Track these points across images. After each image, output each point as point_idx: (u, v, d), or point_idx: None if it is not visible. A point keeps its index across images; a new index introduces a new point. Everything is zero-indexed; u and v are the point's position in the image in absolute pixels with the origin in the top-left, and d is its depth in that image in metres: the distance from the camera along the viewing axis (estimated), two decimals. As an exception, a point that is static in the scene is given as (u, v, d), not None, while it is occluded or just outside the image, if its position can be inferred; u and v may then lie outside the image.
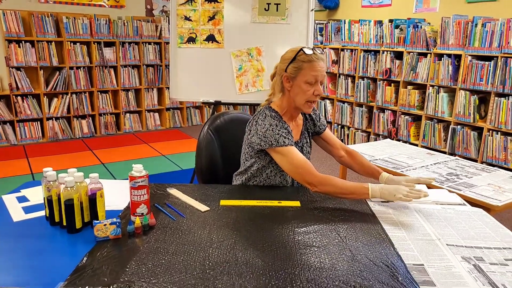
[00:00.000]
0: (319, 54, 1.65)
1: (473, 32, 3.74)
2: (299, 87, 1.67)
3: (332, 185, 1.60)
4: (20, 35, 4.99)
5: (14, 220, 1.44)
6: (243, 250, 1.25)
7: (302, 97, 1.68)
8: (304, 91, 1.66)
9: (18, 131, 5.17)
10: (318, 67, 1.64)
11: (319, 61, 1.64)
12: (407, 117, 4.47)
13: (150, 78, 6.03)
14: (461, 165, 2.46)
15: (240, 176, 1.87)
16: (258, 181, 1.82)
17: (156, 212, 1.51)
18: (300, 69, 1.65)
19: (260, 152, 1.76)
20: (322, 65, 1.65)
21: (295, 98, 1.70)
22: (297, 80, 1.67)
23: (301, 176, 1.64)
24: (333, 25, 5.32)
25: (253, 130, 1.74)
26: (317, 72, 1.64)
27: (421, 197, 1.50)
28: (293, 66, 1.66)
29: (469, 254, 1.25)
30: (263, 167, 1.79)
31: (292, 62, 1.66)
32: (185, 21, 3.02)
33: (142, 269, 1.14)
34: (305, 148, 1.87)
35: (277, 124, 1.69)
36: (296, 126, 1.85)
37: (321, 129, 1.91)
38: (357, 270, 1.15)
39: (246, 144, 1.81)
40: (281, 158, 1.68)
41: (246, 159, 1.83)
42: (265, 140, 1.68)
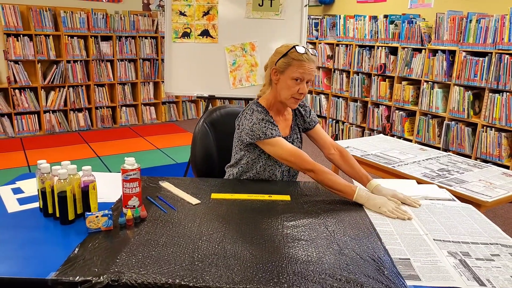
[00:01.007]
0: (310, 55, 1.68)
1: (468, 28, 3.76)
2: (285, 82, 1.70)
3: (328, 176, 1.63)
4: (18, 29, 4.99)
5: (9, 211, 1.46)
6: (232, 243, 1.28)
7: (286, 92, 1.71)
8: (289, 87, 1.69)
9: (16, 123, 5.18)
10: (307, 67, 1.67)
11: (309, 62, 1.67)
12: (402, 113, 4.49)
13: (147, 72, 6.03)
14: (453, 161, 2.48)
15: (231, 169, 1.91)
16: (249, 175, 1.85)
17: (147, 205, 1.53)
18: (289, 65, 1.68)
19: (249, 145, 1.79)
20: (311, 66, 1.68)
21: (281, 92, 1.73)
22: (284, 75, 1.70)
23: (296, 165, 1.69)
24: (329, 20, 5.32)
25: (241, 124, 1.78)
26: (305, 71, 1.67)
27: (405, 219, 1.47)
28: (283, 61, 1.69)
29: (455, 249, 1.27)
30: (252, 160, 1.82)
31: (283, 57, 1.69)
32: (180, 16, 3.03)
33: (132, 260, 1.16)
34: (295, 143, 1.89)
35: (263, 118, 1.73)
36: (285, 121, 1.87)
37: (311, 125, 1.92)
38: (343, 263, 1.18)
39: (236, 138, 1.85)
40: (271, 148, 1.72)
41: (236, 152, 1.86)
42: (253, 134, 1.72)
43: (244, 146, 1.80)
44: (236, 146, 1.86)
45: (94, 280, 1.07)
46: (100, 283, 1.07)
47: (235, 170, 1.88)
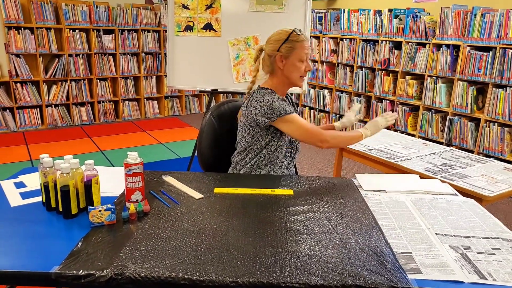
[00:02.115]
0: (305, 35, 1.85)
1: (472, 23, 3.73)
2: (293, 65, 1.83)
3: (339, 136, 1.88)
4: (19, 22, 4.98)
5: (12, 205, 1.47)
6: (235, 236, 1.28)
7: (296, 73, 1.85)
8: (298, 68, 1.83)
9: (18, 117, 5.18)
10: (307, 46, 1.84)
11: (307, 41, 1.84)
12: (405, 107, 4.48)
13: (149, 66, 6.02)
14: (456, 155, 2.48)
15: (239, 156, 1.94)
16: (256, 160, 1.90)
17: (151, 199, 1.53)
18: (293, 49, 1.81)
19: (264, 129, 1.85)
20: (308, 44, 1.85)
21: (290, 75, 1.85)
22: (290, 59, 1.82)
23: (313, 137, 1.82)
24: (333, 14, 5.29)
25: (255, 108, 1.82)
26: (308, 50, 1.84)
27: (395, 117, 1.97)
28: (287, 46, 1.81)
29: (457, 243, 1.27)
30: (265, 143, 1.88)
31: (286, 42, 1.80)
32: (183, 9, 3.01)
33: (135, 254, 1.17)
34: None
35: (278, 97, 1.83)
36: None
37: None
38: (346, 257, 1.18)
39: (246, 126, 1.88)
40: (289, 125, 1.81)
41: (246, 139, 1.89)
42: (273, 113, 1.78)
43: (259, 130, 1.86)
44: (246, 133, 1.89)
45: (97, 274, 1.08)
46: (104, 276, 1.07)
47: (245, 156, 1.92)
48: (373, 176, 1.84)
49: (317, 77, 5.61)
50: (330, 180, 1.79)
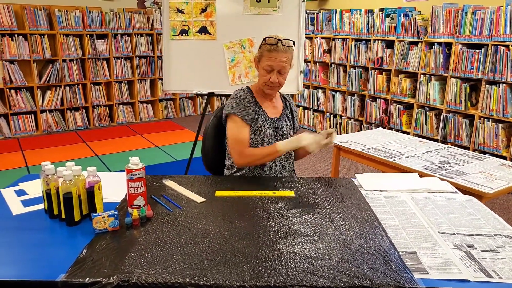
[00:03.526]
0: (281, 46, 1.77)
1: (464, 21, 3.77)
2: (260, 71, 1.88)
3: (255, 154, 1.84)
4: (13, 29, 4.95)
5: (14, 213, 1.46)
6: (239, 240, 1.28)
7: (260, 80, 1.88)
8: (262, 76, 1.86)
9: (12, 124, 5.15)
10: (277, 57, 1.78)
11: (279, 52, 1.77)
12: (399, 106, 4.50)
13: (143, 70, 6.00)
14: (453, 153, 2.50)
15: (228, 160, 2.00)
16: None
17: (153, 204, 1.53)
18: (261, 56, 1.83)
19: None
20: (281, 56, 1.78)
21: (259, 79, 1.91)
22: (259, 65, 1.87)
23: (235, 147, 1.86)
24: (324, 15, 5.32)
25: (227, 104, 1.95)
26: (273, 62, 1.79)
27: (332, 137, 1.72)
28: (259, 52, 1.86)
29: (460, 241, 1.28)
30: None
31: (260, 48, 1.85)
32: (178, 13, 3.01)
33: (141, 260, 1.17)
34: (284, 129, 1.98)
35: (241, 95, 1.91)
36: (274, 107, 1.99)
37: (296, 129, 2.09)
38: (351, 258, 1.19)
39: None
40: (229, 125, 1.90)
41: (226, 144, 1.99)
42: (226, 108, 1.91)
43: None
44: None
45: (104, 281, 1.07)
46: (111, 283, 1.07)
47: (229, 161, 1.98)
48: (373, 176, 1.85)
49: (310, 77, 5.63)
50: (330, 181, 1.80)
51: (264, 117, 1.93)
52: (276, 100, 2.02)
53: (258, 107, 1.94)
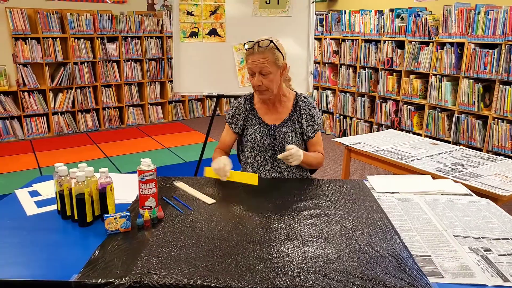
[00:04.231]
0: (256, 48, 1.74)
1: (476, 20, 3.72)
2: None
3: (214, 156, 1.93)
4: (26, 33, 5.02)
5: (28, 214, 1.48)
6: (250, 242, 1.28)
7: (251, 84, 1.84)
8: (249, 80, 1.84)
9: (25, 126, 5.21)
10: (253, 60, 1.75)
11: (254, 55, 1.75)
12: (410, 107, 4.47)
13: (153, 72, 6.03)
14: (466, 154, 2.46)
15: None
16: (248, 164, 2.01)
17: (164, 205, 1.53)
18: (245, 61, 1.82)
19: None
20: (256, 58, 1.75)
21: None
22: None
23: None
24: (334, 16, 5.30)
25: None
26: (251, 65, 1.77)
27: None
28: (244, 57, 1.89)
29: (476, 245, 1.26)
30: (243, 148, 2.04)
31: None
32: (188, 16, 3.02)
33: (152, 262, 1.17)
34: (284, 136, 1.88)
35: (238, 103, 1.98)
36: (277, 113, 1.93)
37: (308, 136, 1.93)
38: (364, 261, 1.17)
39: None
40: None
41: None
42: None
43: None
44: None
45: (116, 282, 1.08)
46: (123, 284, 1.07)
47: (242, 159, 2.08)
48: (384, 178, 1.84)
49: (319, 78, 5.61)
50: (342, 183, 1.79)
51: (259, 124, 1.91)
52: (283, 104, 1.93)
53: (253, 114, 1.94)
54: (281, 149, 1.86)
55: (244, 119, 1.95)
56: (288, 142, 1.87)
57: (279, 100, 1.92)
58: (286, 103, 1.93)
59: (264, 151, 1.90)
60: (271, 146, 1.88)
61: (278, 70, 1.80)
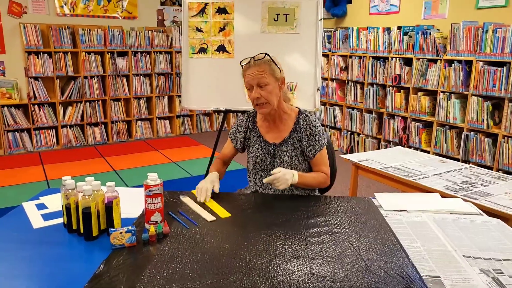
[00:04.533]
0: (252, 61, 1.77)
1: (484, 38, 3.72)
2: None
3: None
4: (39, 47, 5.12)
5: (34, 227, 1.48)
6: (256, 259, 1.26)
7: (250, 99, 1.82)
8: (248, 96, 1.81)
9: (34, 138, 5.27)
10: (249, 74, 1.76)
11: (251, 68, 1.76)
12: (418, 124, 4.44)
13: (161, 87, 6.09)
14: (476, 173, 2.44)
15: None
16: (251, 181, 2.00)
17: (169, 220, 1.52)
18: (243, 77, 1.82)
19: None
20: (253, 70, 1.75)
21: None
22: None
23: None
24: (341, 33, 5.33)
25: None
26: (248, 78, 1.78)
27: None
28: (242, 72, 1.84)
29: (487, 266, 1.23)
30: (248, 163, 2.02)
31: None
32: (197, 32, 3.06)
33: (157, 277, 1.16)
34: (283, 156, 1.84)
35: (241, 119, 1.99)
36: (278, 131, 1.89)
37: (309, 156, 1.87)
38: (371, 281, 1.15)
39: None
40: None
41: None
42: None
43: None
44: None
45: (120, 298, 1.07)
46: (127, 301, 1.06)
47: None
48: (393, 195, 1.82)
49: (327, 95, 5.62)
50: (349, 200, 1.77)
51: (260, 142, 1.89)
52: (284, 122, 1.87)
53: (255, 132, 1.92)
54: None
55: (246, 136, 1.95)
56: (287, 162, 1.83)
57: (279, 117, 1.87)
58: (287, 120, 1.88)
59: (265, 169, 1.87)
60: (271, 165, 1.86)
61: (276, 82, 1.78)
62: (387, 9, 5.15)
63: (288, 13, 3.03)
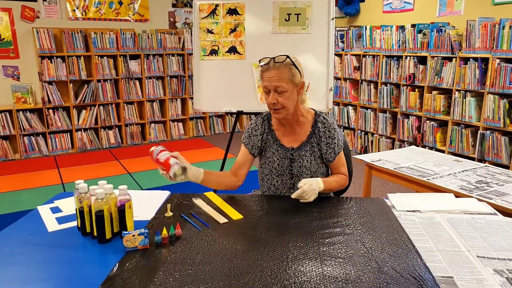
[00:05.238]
0: (272, 63, 1.69)
1: (501, 35, 3.66)
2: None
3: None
4: (52, 51, 5.20)
5: (49, 230, 1.50)
6: (268, 261, 1.26)
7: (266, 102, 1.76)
8: (265, 99, 1.75)
9: (50, 142, 5.35)
10: (268, 76, 1.69)
11: (270, 71, 1.69)
12: (433, 123, 4.39)
13: (174, 89, 6.13)
14: (491, 172, 2.39)
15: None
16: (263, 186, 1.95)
17: (182, 222, 1.53)
18: (261, 78, 1.75)
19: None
20: (272, 74, 1.68)
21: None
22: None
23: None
24: (354, 32, 5.29)
25: None
26: (266, 82, 1.71)
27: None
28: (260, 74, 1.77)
29: (501, 266, 1.21)
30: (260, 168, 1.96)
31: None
32: (208, 34, 3.08)
33: (169, 280, 1.16)
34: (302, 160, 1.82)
35: (252, 123, 1.91)
36: (295, 134, 1.85)
37: (328, 160, 1.85)
38: (383, 282, 1.14)
39: None
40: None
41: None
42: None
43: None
44: None
45: (133, 300, 1.08)
46: (139, 303, 1.07)
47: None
48: (406, 196, 1.80)
49: (340, 94, 5.59)
50: (362, 201, 1.76)
51: (276, 146, 1.84)
52: (301, 125, 1.84)
53: (271, 135, 1.86)
54: (299, 173, 1.81)
55: (262, 140, 1.87)
56: (306, 166, 1.81)
57: (296, 121, 1.83)
58: (305, 124, 1.84)
59: (282, 174, 1.84)
60: (289, 170, 1.83)
61: (294, 88, 1.72)
62: (401, 6, 5.10)
63: (299, 13, 3.02)
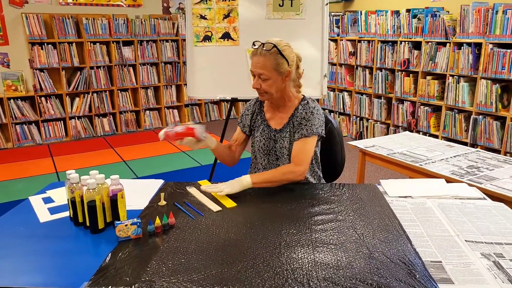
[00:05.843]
0: (260, 50, 1.73)
1: (494, 20, 3.64)
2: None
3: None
4: (42, 38, 5.12)
5: (41, 221, 1.50)
6: (260, 248, 1.27)
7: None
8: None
9: (43, 130, 5.32)
10: (254, 62, 1.75)
11: (257, 56, 1.74)
12: (427, 108, 4.40)
13: (169, 75, 6.09)
14: (482, 157, 2.41)
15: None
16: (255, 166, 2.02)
17: (175, 211, 1.54)
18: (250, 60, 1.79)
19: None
20: (258, 60, 1.73)
21: None
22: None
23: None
24: (350, 17, 5.26)
25: None
26: (252, 66, 1.76)
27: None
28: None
29: (488, 250, 1.24)
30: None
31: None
32: (201, 19, 3.04)
33: (162, 269, 1.17)
34: (282, 142, 1.85)
35: (249, 103, 2.01)
36: (281, 117, 1.89)
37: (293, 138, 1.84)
38: (374, 267, 1.16)
39: None
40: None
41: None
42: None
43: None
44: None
45: (126, 289, 1.09)
46: (132, 291, 1.08)
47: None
48: (398, 182, 1.81)
49: (336, 80, 5.57)
50: (354, 187, 1.77)
51: (263, 127, 1.91)
52: (287, 109, 1.87)
53: (260, 116, 1.94)
54: (281, 154, 1.86)
55: (252, 119, 1.97)
56: (286, 147, 1.84)
57: (283, 105, 1.88)
58: (291, 108, 1.87)
59: (268, 154, 1.91)
60: (274, 151, 1.89)
61: (279, 76, 1.74)
62: (395, -9, 5.05)
63: (293, -2, 2.99)
